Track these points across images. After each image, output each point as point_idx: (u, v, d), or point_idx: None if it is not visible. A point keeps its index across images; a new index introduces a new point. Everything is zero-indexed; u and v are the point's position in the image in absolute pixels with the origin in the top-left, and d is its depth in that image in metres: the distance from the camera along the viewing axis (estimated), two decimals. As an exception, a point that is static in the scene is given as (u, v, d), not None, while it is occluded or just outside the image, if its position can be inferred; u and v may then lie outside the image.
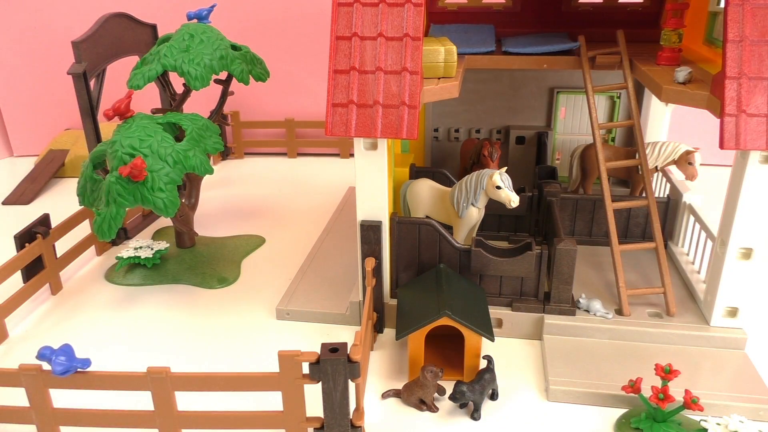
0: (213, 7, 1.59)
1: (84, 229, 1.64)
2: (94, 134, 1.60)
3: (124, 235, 1.75)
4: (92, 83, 1.59)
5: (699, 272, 1.35)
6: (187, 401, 1.00)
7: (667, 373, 0.99)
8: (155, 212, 1.28)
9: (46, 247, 1.46)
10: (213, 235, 1.74)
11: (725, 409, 1.05)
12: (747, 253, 1.13)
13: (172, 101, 1.59)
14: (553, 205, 1.41)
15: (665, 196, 1.54)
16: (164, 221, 1.87)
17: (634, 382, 1.03)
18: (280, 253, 1.67)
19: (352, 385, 0.94)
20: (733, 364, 1.15)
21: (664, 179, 1.60)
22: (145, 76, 1.43)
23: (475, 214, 1.32)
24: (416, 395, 1.08)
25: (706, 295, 1.23)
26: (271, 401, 0.99)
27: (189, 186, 1.59)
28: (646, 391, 1.02)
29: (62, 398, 1.01)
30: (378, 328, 1.29)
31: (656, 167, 1.43)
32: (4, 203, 2.08)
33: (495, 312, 1.25)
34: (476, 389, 1.04)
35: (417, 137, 1.08)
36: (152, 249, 1.56)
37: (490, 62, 1.44)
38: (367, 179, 1.19)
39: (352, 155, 2.37)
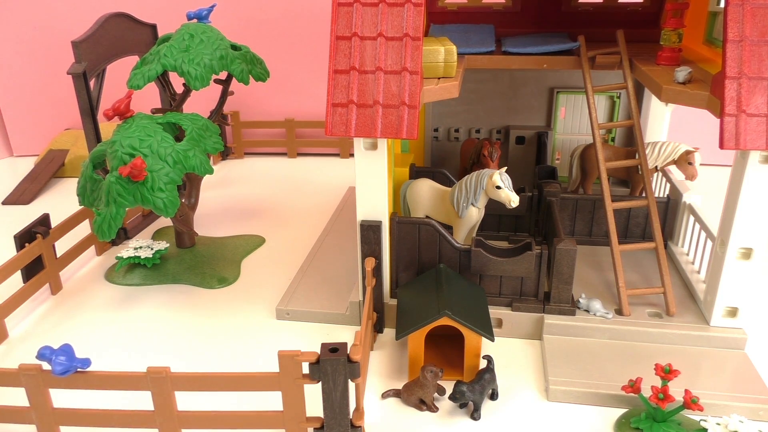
0: (213, 7, 1.59)
1: (84, 229, 1.64)
2: (94, 134, 1.60)
3: (124, 235, 1.75)
4: (92, 83, 1.59)
5: (699, 272, 1.35)
6: (187, 401, 1.00)
7: (667, 373, 0.99)
8: (155, 212, 1.28)
9: (46, 247, 1.46)
10: (213, 235, 1.74)
11: (725, 409, 1.05)
12: (747, 253, 1.13)
13: (172, 101, 1.59)
14: (553, 205, 1.41)
15: (665, 196, 1.54)
16: (164, 221, 1.87)
17: (634, 382, 1.03)
18: (280, 253, 1.67)
19: (352, 385, 0.94)
20: (733, 364, 1.15)
21: (664, 179, 1.60)
22: (145, 76, 1.43)
23: (475, 214, 1.32)
24: (416, 395, 1.08)
25: (706, 295, 1.23)
26: (271, 401, 0.99)
27: (189, 186, 1.59)
28: (646, 391, 1.02)
29: (62, 398, 1.01)
30: (378, 328, 1.29)
31: (656, 167, 1.43)
32: (4, 203, 2.08)
33: (495, 312, 1.25)
34: (476, 389, 1.04)
35: (417, 137, 1.08)
36: (152, 249, 1.56)
37: (490, 62, 1.44)
38: (367, 179, 1.19)
39: (352, 155, 2.37)
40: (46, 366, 0.94)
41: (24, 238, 1.42)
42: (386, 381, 1.16)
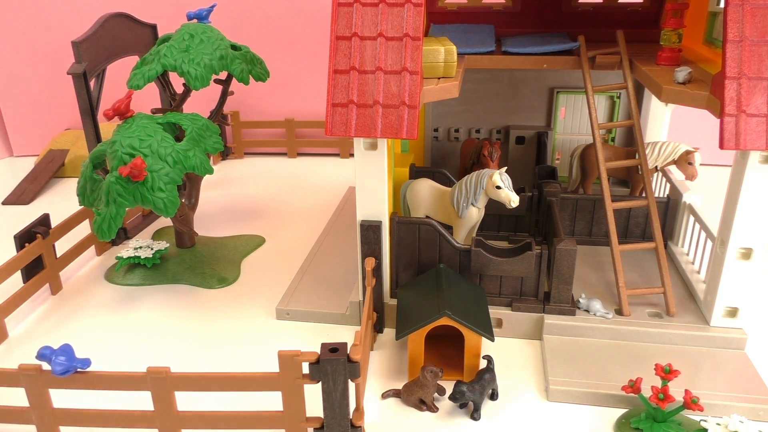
0: (213, 7, 1.59)
1: (84, 229, 1.64)
2: (94, 134, 1.60)
3: (124, 235, 1.75)
4: (92, 83, 1.59)
5: (699, 272, 1.35)
6: (187, 401, 1.00)
7: (667, 373, 0.99)
8: (155, 212, 1.28)
9: (46, 247, 1.46)
10: (213, 235, 1.74)
11: (725, 409, 1.05)
12: (747, 253, 1.13)
13: (172, 101, 1.59)
14: (553, 205, 1.41)
15: (665, 196, 1.54)
16: (164, 221, 1.87)
17: (634, 382, 1.03)
18: (280, 253, 1.67)
19: (352, 385, 0.94)
20: (733, 364, 1.15)
21: (664, 179, 1.60)
22: (145, 76, 1.43)
23: (475, 214, 1.32)
24: (416, 395, 1.08)
25: (706, 295, 1.23)
26: (271, 401, 0.99)
27: (189, 186, 1.59)
28: (646, 391, 1.02)
29: (62, 398, 1.01)
30: (378, 328, 1.29)
31: (656, 167, 1.43)
32: (4, 203, 2.08)
33: (495, 312, 1.25)
34: (476, 389, 1.04)
35: (417, 137, 1.08)
36: (152, 249, 1.56)
37: (490, 62, 1.44)
38: (367, 179, 1.19)
39: (352, 155, 2.37)
40: (46, 366, 0.94)
41: (24, 238, 1.42)
42: (386, 381, 1.16)
